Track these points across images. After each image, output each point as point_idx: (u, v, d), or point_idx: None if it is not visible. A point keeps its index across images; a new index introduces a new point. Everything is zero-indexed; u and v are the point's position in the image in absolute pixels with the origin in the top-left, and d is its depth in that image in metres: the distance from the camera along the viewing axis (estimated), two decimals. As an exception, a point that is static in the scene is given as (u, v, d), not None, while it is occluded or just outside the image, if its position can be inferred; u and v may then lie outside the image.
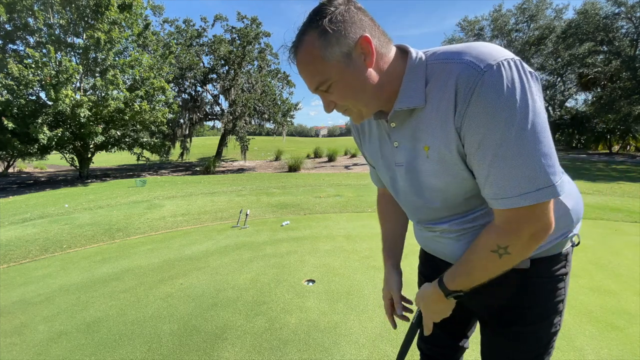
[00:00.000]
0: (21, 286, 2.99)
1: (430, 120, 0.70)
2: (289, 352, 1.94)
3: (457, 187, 0.74)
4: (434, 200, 0.79)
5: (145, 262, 3.44)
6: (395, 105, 0.73)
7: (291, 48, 0.72)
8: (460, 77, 0.62)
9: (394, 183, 0.88)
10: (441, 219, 0.83)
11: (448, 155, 0.70)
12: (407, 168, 0.79)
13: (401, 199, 0.90)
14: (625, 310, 2.27)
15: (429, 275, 1.04)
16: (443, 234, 0.84)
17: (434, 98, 0.68)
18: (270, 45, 18.58)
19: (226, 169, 16.10)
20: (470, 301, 0.90)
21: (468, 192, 0.74)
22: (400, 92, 0.72)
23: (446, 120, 0.66)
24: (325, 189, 8.28)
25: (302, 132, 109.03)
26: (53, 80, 9.58)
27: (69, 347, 2.05)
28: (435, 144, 0.71)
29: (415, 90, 0.70)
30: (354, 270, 3.03)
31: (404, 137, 0.77)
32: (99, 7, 10.96)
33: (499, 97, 0.59)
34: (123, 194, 8.39)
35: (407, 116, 0.74)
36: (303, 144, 30.45)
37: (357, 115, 0.76)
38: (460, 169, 0.70)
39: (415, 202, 0.85)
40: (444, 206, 0.79)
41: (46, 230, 4.92)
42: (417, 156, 0.76)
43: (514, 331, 0.83)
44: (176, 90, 17.40)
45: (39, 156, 11.75)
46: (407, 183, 0.82)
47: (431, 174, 0.75)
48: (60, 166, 18.74)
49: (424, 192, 0.80)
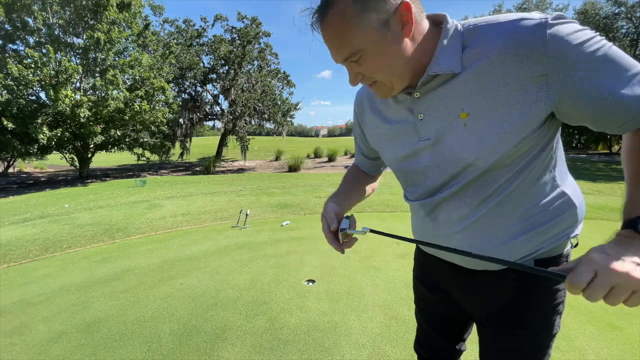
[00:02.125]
0: (21, 286, 2.99)
1: (472, 86, 0.65)
2: (289, 352, 1.94)
3: (491, 156, 0.67)
4: (459, 173, 0.73)
5: (145, 262, 3.44)
6: (429, 69, 0.66)
7: (317, 11, 0.64)
8: (520, 36, 0.58)
9: (411, 162, 0.80)
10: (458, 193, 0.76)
11: (498, 119, 0.63)
12: (436, 140, 0.73)
13: (418, 177, 0.81)
14: (625, 310, 2.27)
15: (424, 279, 1.03)
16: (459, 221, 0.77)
17: (477, 63, 0.63)
18: (270, 45, 18.59)
19: (226, 169, 16.10)
20: (467, 303, 0.90)
21: (497, 163, 0.68)
22: (435, 56, 0.66)
23: (503, 83, 0.61)
24: (325, 189, 8.28)
25: (302, 132, 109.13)
26: (53, 80, 9.59)
27: (69, 347, 2.05)
28: (478, 110, 0.65)
29: (451, 55, 0.65)
30: (354, 270, 3.03)
31: (431, 107, 0.71)
32: (98, 6, 10.96)
33: (573, 34, 0.56)
34: (123, 194, 8.39)
35: (438, 84, 0.68)
36: (303, 144, 30.45)
37: (386, 89, 0.69)
38: (512, 132, 0.63)
39: (437, 178, 0.77)
40: (467, 179, 0.73)
41: (46, 230, 4.92)
42: (450, 126, 0.69)
43: (513, 333, 0.80)
44: (176, 90, 17.42)
45: (39, 156, 11.75)
46: (432, 157, 0.75)
47: (464, 144, 0.68)
48: (60, 166, 18.74)
49: (450, 164, 0.73)
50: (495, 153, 0.66)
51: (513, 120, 0.63)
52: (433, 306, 1.04)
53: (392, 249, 3.53)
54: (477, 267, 0.81)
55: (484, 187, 0.72)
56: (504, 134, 0.64)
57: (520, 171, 0.69)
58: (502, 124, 0.64)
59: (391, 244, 3.69)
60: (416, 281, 1.08)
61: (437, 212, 0.81)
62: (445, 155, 0.73)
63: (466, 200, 0.75)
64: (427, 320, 1.06)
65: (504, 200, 0.72)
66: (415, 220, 0.94)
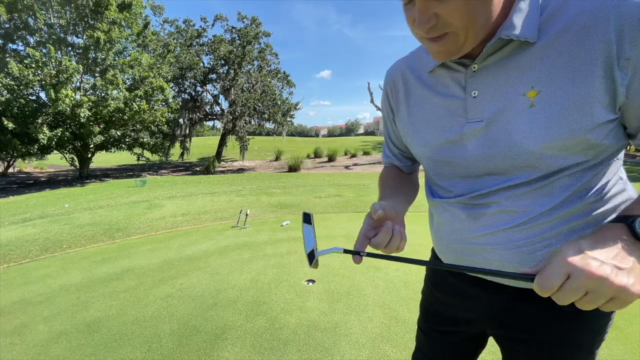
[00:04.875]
0: (21, 286, 2.99)
1: (547, 59, 0.54)
2: (289, 352, 1.94)
3: (559, 145, 0.56)
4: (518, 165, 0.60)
5: (145, 262, 3.44)
6: (500, 32, 0.55)
7: None
8: (617, 7, 0.49)
9: (452, 149, 0.68)
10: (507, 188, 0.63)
11: (573, 102, 0.53)
12: (490, 122, 0.60)
13: (459, 169, 0.68)
14: (625, 310, 2.26)
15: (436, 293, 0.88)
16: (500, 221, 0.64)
17: (556, 32, 0.54)
18: (270, 45, 18.61)
19: (226, 169, 16.11)
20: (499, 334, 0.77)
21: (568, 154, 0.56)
22: (509, 18, 0.55)
23: (585, 60, 0.52)
24: (325, 189, 8.28)
25: (302, 132, 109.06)
26: (53, 80, 9.60)
27: (69, 347, 2.05)
28: (552, 89, 0.54)
29: (528, 19, 0.55)
30: (354, 270, 3.03)
31: (491, 83, 0.60)
32: (99, 6, 10.97)
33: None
34: (123, 194, 8.39)
35: (506, 54, 0.58)
36: (303, 144, 30.45)
37: (456, 46, 0.56)
38: (585, 120, 0.53)
39: (482, 169, 0.65)
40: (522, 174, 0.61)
41: (46, 230, 4.92)
42: (511, 105, 0.58)
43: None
44: (176, 90, 17.44)
45: (39, 156, 11.77)
46: (481, 144, 0.63)
47: (528, 128, 0.56)
48: (60, 166, 18.75)
49: (508, 154, 0.60)
50: (564, 141, 0.55)
51: (592, 100, 0.52)
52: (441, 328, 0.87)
53: (392, 249, 3.53)
54: (509, 283, 0.68)
55: (541, 182, 0.59)
56: (579, 116, 0.53)
57: (591, 168, 0.58)
58: (579, 104, 0.53)
59: (391, 244, 3.69)
60: (424, 296, 0.93)
61: (479, 215, 0.66)
62: (499, 142, 0.60)
63: (521, 196, 0.61)
64: (430, 342, 0.91)
65: (567, 200, 0.59)
66: (443, 221, 0.76)
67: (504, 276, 0.50)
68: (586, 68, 0.52)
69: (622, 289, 0.41)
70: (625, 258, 0.43)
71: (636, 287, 0.41)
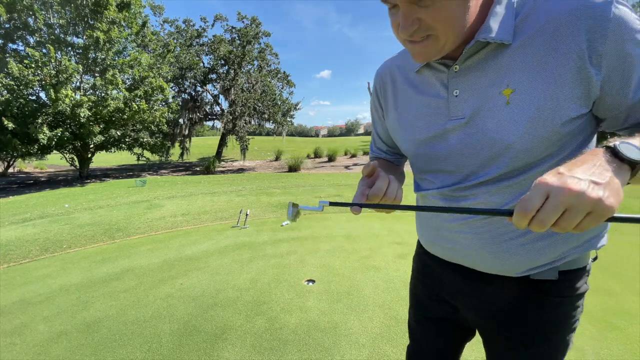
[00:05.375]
0: (21, 286, 2.99)
1: (521, 60, 0.59)
2: (289, 352, 1.94)
3: (533, 138, 0.60)
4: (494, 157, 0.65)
5: (145, 262, 3.44)
6: (478, 35, 0.60)
7: None
8: (585, 9, 0.53)
9: (436, 144, 0.72)
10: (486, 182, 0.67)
11: (545, 99, 0.57)
12: (470, 119, 0.65)
13: (442, 163, 0.73)
14: (625, 310, 2.27)
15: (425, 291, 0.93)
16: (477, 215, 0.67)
17: (530, 34, 0.58)
18: (270, 45, 18.61)
19: (226, 169, 16.11)
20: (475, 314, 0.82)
21: (538, 149, 0.61)
22: (486, 22, 0.60)
23: (557, 60, 0.56)
24: (325, 189, 8.28)
25: (302, 132, 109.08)
26: (53, 80, 9.60)
27: (69, 347, 2.05)
28: (525, 87, 0.59)
29: (504, 23, 0.59)
30: (354, 270, 3.03)
31: (471, 82, 0.65)
32: (98, 6, 10.98)
33: (635, 20, 0.54)
34: (123, 194, 8.39)
35: (484, 55, 0.63)
36: (303, 144, 30.46)
37: (437, 48, 0.60)
38: (557, 116, 0.58)
39: (464, 162, 0.69)
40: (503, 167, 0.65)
41: (46, 230, 4.92)
42: (489, 103, 0.63)
43: (529, 353, 0.74)
44: (176, 90, 17.44)
45: (39, 156, 11.77)
46: (462, 139, 0.68)
47: (504, 123, 0.61)
48: (60, 166, 18.75)
49: (485, 147, 0.65)
50: (538, 135, 0.60)
51: (564, 97, 0.57)
52: (430, 315, 0.92)
53: (393, 249, 3.53)
54: (486, 269, 0.73)
55: (518, 177, 0.64)
56: (551, 112, 0.58)
57: (559, 163, 0.60)
58: (551, 101, 0.57)
59: (392, 244, 3.69)
60: (413, 285, 0.99)
61: (460, 203, 0.72)
62: (478, 137, 0.65)
63: (498, 192, 0.66)
64: (422, 330, 0.96)
65: None
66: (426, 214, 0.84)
67: (486, 213, 0.52)
68: (559, 66, 0.56)
69: (598, 201, 0.42)
70: (601, 174, 0.45)
71: (610, 200, 0.42)
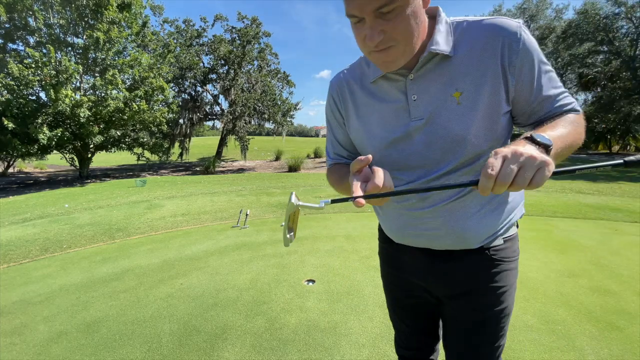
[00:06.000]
0: (21, 286, 2.99)
1: (463, 68, 0.73)
2: (289, 352, 1.94)
3: (482, 132, 0.75)
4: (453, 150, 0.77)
5: (145, 262, 3.44)
6: (429, 47, 0.73)
7: None
8: (503, 32, 0.71)
9: (402, 144, 0.81)
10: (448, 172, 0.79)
11: (485, 98, 0.73)
12: (429, 119, 0.77)
13: (409, 160, 0.82)
14: (625, 310, 2.27)
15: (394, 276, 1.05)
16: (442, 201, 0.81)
17: (465, 49, 0.74)
18: (270, 45, 18.60)
19: (226, 169, 16.11)
20: (440, 286, 0.91)
21: (486, 139, 0.75)
22: (434, 37, 0.74)
23: (487, 68, 0.72)
24: (325, 189, 8.28)
25: (302, 132, 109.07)
26: (53, 80, 9.59)
27: (69, 347, 2.05)
28: (470, 90, 0.73)
29: (446, 39, 0.74)
30: (354, 270, 3.03)
31: (426, 88, 0.76)
32: (99, 6, 10.97)
33: (534, 42, 0.74)
34: (123, 194, 8.39)
35: (434, 64, 0.75)
36: (303, 144, 30.45)
37: (397, 57, 0.70)
38: (494, 112, 0.74)
39: (428, 157, 0.79)
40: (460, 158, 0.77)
41: (46, 230, 4.92)
42: (444, 104, 0.75)
43: (486, 310, 0.87)
44: (176, 90, 17.44)
45: (39, 156, 11.76)
46: (425, 137, 0.78)
47: (458, 120, 0.74)
48: (60, 166, 18.74)
49: (445, 142, 0.76)
50: (485, 127, 0.75)
51: (498, 100, 0.74)
52: (407, 302, 1.04)
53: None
54: (453, 246, 0.85)
55: (470, 166, 0.78)
56: (493, 108, 0.74)
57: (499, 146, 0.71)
58: (492, 99, 0.73)
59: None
60: (386, 280, 1.12)
61: (427, 196, 0.83)
62: (439, 133, 0.77)
63: (457, 179, 0.79)
64: (403, 318, 1.08)
65: None
66: (395, 208, 0.90)
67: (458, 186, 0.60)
68: (490, 74, 0.72)
69: (543, 158, 0.53)
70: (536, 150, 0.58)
71: (550, 160, 0.54)
